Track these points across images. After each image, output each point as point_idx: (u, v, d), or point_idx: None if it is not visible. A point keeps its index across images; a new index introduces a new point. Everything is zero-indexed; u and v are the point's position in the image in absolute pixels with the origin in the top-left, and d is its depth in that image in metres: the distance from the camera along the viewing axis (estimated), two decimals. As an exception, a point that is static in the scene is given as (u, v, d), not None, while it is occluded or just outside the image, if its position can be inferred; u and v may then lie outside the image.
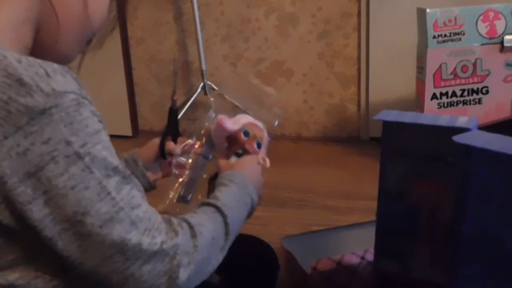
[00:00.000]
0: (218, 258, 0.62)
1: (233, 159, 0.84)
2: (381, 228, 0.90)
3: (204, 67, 2.42)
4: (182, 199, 0.86)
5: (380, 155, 0.86)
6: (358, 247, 1.03)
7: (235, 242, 0.72)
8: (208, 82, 2.44)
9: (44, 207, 0.49)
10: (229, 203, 0.66)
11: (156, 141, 0.91)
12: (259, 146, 0.86)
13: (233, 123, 0.86)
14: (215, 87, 2.42)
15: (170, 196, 0.87)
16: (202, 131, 0.88)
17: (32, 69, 0.49)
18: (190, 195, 0.86)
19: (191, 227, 0.58)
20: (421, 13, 1.85)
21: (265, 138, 0.88)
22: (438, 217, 0.82)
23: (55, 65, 0.51)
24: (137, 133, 2.70)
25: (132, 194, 0.53)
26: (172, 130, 0.91)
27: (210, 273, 0.61)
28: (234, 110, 0.89)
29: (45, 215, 0.49)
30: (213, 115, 0.88)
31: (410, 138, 0.81)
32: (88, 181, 0.50)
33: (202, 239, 0.57)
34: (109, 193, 0.51)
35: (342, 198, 1.76)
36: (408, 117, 0.80)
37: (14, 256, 0.52)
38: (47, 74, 0.49)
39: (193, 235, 0.57)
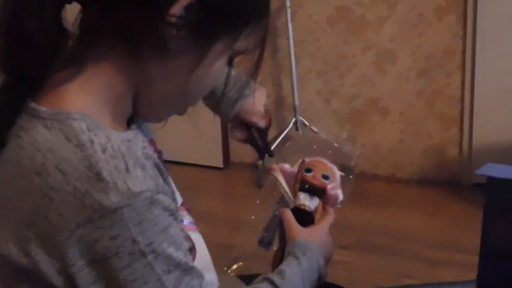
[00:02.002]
0: None
1: (301, 195, 0.82)
2: (482, 293, 0.81)
3: (297, 102, 2.43)
4: (264, 244, 0.84)
5: (483, 212, 0.78)
6: (455, 309, 0.94)
7: None
8: (300, 118, 2.43)
9: None
10: (294, 285, 0.67)
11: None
12: (326, 178, 0.84)
13: (293, 166, 0.86)
14: (307, 123, 2.41)
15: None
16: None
17: (114, 162, 0.51)
18: (272, 241, 0.84)
19: None
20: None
21: (336, 172, 0.86)
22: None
23: (139, 153, 0.53)
24: (228, 165, 2.75)
25: (190, 286, 0.54)
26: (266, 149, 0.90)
27: None
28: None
29: None
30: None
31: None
32: (149, 277, 0.51)
33: None
34: None
35: (438, 248, 1.63)
36: (518, 173, 0.72)
37: None
38: (127, 169, 0.51)
39: None
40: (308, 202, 0.82)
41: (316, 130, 2.23)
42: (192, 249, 0.68)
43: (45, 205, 0.51)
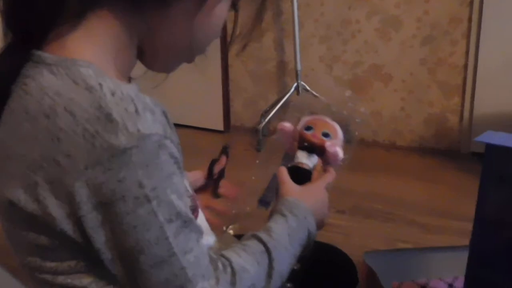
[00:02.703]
0: None
1: (299, 153, 0.82)
2: (475, 258, 0.83)
3: (299, 67, 2.41)
4: (264, 203, 0.85)
5: (480, 179, 0.79)
6: (447, 273, 0.97)
7: (314, 250, 0.71)
8: (302, 83, 2.42)
9: (109, 233, 0.52)
10: (282, 243, 0.67)
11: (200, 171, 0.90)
12: (326, 136, 0.83)
13: (294, 124, 0.84)
14: (308, 88, 2.40)
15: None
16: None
17: (123, 104, 0.51)
18: (273, 200, 0.85)
19: (233, 273, 0.59)
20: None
21: (338, 130, 0.85)
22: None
23: (147, 100, 0.53)
24: (229, 128, 2.76)
25: (188, 238, 0.55)
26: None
27: None
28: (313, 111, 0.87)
29: (107, 240, 0.52)
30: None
31: (517, 165, 0.73)
32: (150, 224, 0.52)
33: (240, 286, 0.59)
34: (166, 238, 0.53)
35: (434, 215, 1.66)
36: (517, 141, 0.73)
37: (86, 263, 0.56)
38: (137, 112, 0.51)
39: (233, 283, 0.59)
40: (306, 160, 0.82)
41: (317, 95, 2.23)
42: (195, 210, 0.70)
43: (54, 147, 0.51)
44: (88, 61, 0.53)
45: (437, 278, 0.97)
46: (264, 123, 2.46)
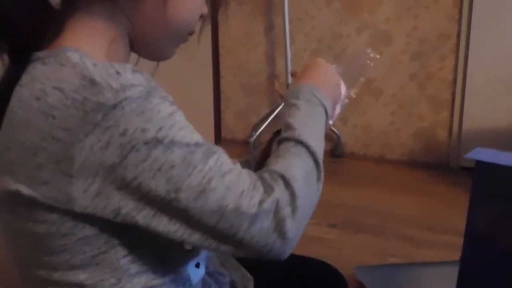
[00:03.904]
0: (318, 189, 0.61)
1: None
2: (465, 273, 0.83)
3: (290, 81, 2.42)
4: None
5: (470, 195, 0.79)
6: (437, 288, 0.96)
7: (304, 266, 0.69)
8: (293, 96, 2.43)
9: (137, 191, 0.51)
10: (305, 128, 0.64)
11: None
12: None
13: None
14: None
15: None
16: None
17: (104, 69, 0.52)
18: None
19: (281, 175, 0.58)
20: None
21: (343, 94, 0.82)
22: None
23: (128, 66, 0.54)
24: (220, 141, 2.75)
25: (220, 162, 0.54)
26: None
27: (316, 205, 0.60)
28: None
29: (139, 198, 0.51)
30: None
31: (506, 182, 0.74)
32: (172, 160, 0.51)
33: (296, 183, 0.57)
34: (195, 167, 0.52)
35: (424, 229, 1.66)
36: (505, 158, 0.74)
37: (92, 253, 0.55)
38: (117, 73, 0.52)
39: (287, 184, 0.57)
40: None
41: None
42: None
43: (50, 125, 0.51)
44: (76, 47, 0.55)
45: (428, 293, 0.97)
46: (255, 136, 2.47)
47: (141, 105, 0.51)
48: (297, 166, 0.59)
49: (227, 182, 0.53)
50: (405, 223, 1.71)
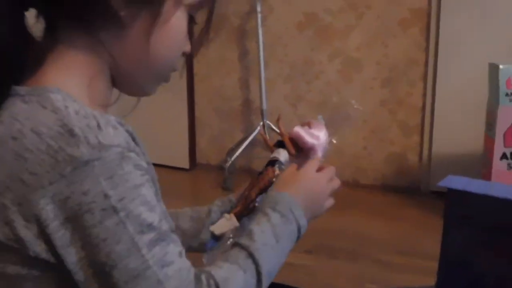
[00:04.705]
0: None
1: (274, 152, 0.80)
2: (440, 298, 0.84)
3: (264, 106, 2.44)
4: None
5: (443, 221, 0.81)
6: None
7: None
8: (267, 122, 2.45)
9: (80, 251, 0.51)
10: (266, 243, 0.64)
11: None
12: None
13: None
14: (274, 127, 2.43)
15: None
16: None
17: (85, 120, 0.52)
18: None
19: (217, 285, 0.57)
20: (494, 69, 1.78)
21: (322, 139, 0.84)
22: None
23: (111, 118, 0.54)
24: (194, 166, 2.74)
25: (165, 251, 0.53)
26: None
27: None
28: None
29: (80, 258, 0.51)
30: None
31: (478, 209, 0.76)
32: (120, 236, 0.51)
33: None
34: (139, 250, 0.52)
35: (398, 253, 1.68)
36: (477, 186, 0.76)
37: None
38: (99, 126, 0.52)
39: None
40: (276, 154, 0.81)
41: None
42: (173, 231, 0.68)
43: (19, 166, 0.51)
44: (58, 87, 0.55)
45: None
46: (230, 161, 2.47)
47: (111, 169, 0.51)
48: (237, 282, 0.58)
49: (162, 276, 0.52)
50: (380, 248, 1.73)
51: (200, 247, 0.81)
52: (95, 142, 0.51)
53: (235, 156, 2.47)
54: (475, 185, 0.77)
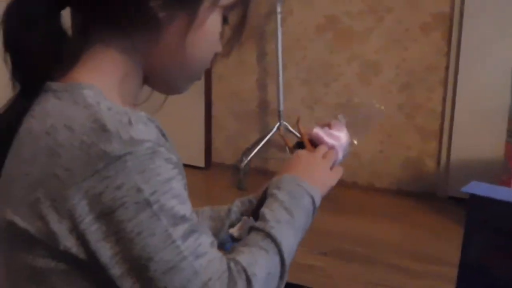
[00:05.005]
0: (279, 287, 0.61)
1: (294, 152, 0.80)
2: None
3: (281, 107, 2.45)
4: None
5: (465, 226, 0.81)
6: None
7: None
8: (284, 123, 2.45)
9: (115, 246, 0.52)
10: (279, 221, 0.63)
11: None
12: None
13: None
14: (290, 128, 2.43)
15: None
16: None
17: (118, 116, 0.52)
18: None
19: (245, 270, 0.57)
20: (516, 74, 1.76)
21: (342, 139, 0.83)
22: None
23: (142, 114, 0.54)
24: (210, 165, 2.75)
25: (199, 242, 0.54)
26: None
27: None
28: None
29: (115, 253, 0.52)
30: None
31: (499, 215, 0.76)
32: (154, 228, 0.52)
33: (257, 283, 0.57)
34: (174, 241, 0.52)
35: (414, 259, 1.66)
36: (500, 192, 0.75)
37: None
38: (130, 122, 0.52)
39: (248, 281, 0.56)
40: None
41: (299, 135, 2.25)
42: None
43: (53, 162, 0.52)
44: (91, 84, 0.56)
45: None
46: (246, 161, 2.47)
47: (143, 164, 0.51)
48: (261, 264, 0.59)
49: (197, 266, 0.53)
50: (395, 253, 1.72)
51: (219, 246, 0.81)
52: (127, 137, 0.51)
53: (250, 156, 2.47)
54: (498, 192, 0.76)
